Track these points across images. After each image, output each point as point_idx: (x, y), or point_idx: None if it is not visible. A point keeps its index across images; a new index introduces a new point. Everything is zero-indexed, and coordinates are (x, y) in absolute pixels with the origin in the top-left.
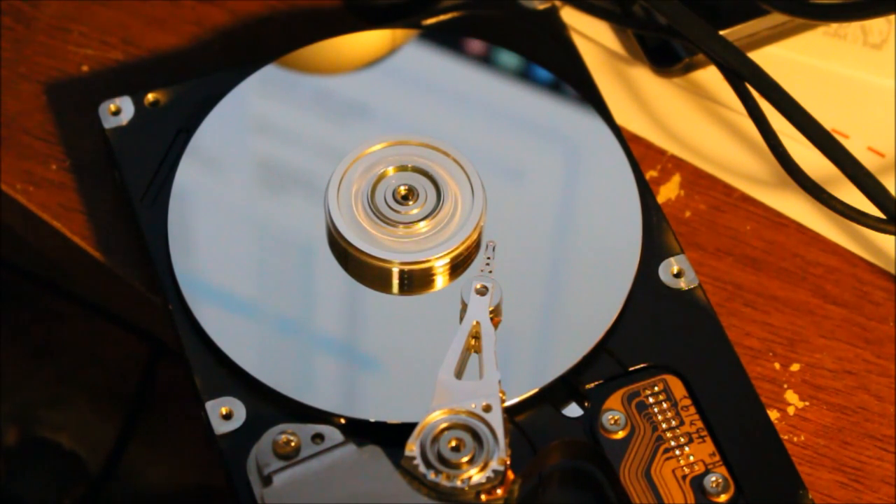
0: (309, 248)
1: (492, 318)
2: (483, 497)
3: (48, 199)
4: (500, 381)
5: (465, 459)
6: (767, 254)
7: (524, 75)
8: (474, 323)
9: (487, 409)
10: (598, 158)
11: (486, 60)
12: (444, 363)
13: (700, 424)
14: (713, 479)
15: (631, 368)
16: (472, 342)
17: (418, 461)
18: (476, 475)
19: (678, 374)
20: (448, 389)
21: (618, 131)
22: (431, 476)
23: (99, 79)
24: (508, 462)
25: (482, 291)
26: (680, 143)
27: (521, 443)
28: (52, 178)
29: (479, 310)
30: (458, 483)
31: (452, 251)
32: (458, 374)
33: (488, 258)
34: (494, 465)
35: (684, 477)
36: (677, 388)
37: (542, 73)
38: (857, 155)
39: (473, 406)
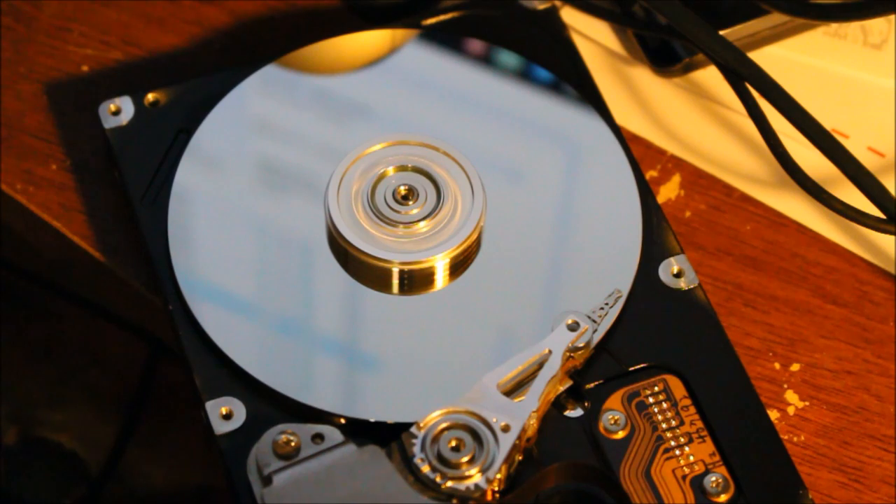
0: (309, 248)
1: (568, 357)
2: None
3: (48, 199)
4: (533, 413)
5: (458, 459)
6: (767, 254)
7: (524, 75)
8: (546, 350)
9: (506, 428)
10: (598, 158)
11: (486, 60)
12: (496, 370)
13: (700, 424)
14: (713, 479)
15: (631, 368)
16: (534, 367)
17: (417, 442)
18: (454, 482)
19: (678, 374)
20: (483, 395)
21: (618, 131)
22: (417, 461)
23: (99, 79)
24: (495, 487)
25: (573, 327)
26: (680, 143)
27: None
28: (52, 178)
29: (559, 341)
30: (437, 479)
31: (452, 251)
32: (501, 387)
33: (606, 304)
34: (478, 480)
35: (684, 477)
36: (677, 388)
37: (542, 73)
38: (857, 155)
39: (495, 420)
